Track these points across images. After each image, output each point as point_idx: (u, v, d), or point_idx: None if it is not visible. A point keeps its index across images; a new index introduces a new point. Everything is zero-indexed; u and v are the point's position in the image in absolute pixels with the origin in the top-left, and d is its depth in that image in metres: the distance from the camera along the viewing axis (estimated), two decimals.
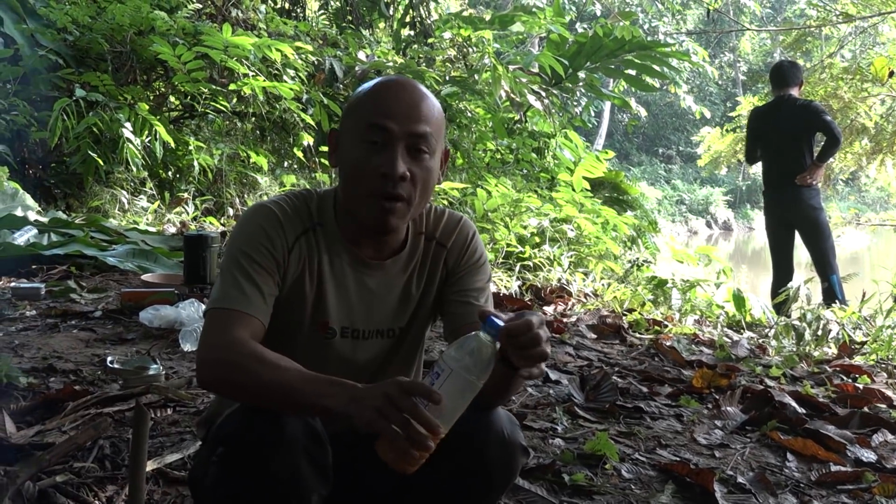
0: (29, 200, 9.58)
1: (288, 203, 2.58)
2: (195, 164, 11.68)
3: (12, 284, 7.27)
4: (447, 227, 2.68)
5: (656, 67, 14.98)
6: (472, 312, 2.56)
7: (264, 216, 2.53)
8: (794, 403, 4.97)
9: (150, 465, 3.52)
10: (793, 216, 9.71)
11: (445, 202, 11.59)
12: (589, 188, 12.24)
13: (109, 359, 5.02)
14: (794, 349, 6.91)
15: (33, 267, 8.07)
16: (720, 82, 49.64)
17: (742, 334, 7.72)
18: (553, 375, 5.37)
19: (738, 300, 8.50)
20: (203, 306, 5.44)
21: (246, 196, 12.41)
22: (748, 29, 36.55)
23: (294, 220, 2.54)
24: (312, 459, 2.28)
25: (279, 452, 2.22)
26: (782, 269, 9.76)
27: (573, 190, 11.95)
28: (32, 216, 9.13)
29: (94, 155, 10.58)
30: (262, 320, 2.42)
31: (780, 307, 8.51)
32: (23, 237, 8.46)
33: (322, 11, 15.86)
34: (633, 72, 15.01)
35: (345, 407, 2.10)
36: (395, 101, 2.42)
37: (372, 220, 2.48)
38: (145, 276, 7.28)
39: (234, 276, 2.45)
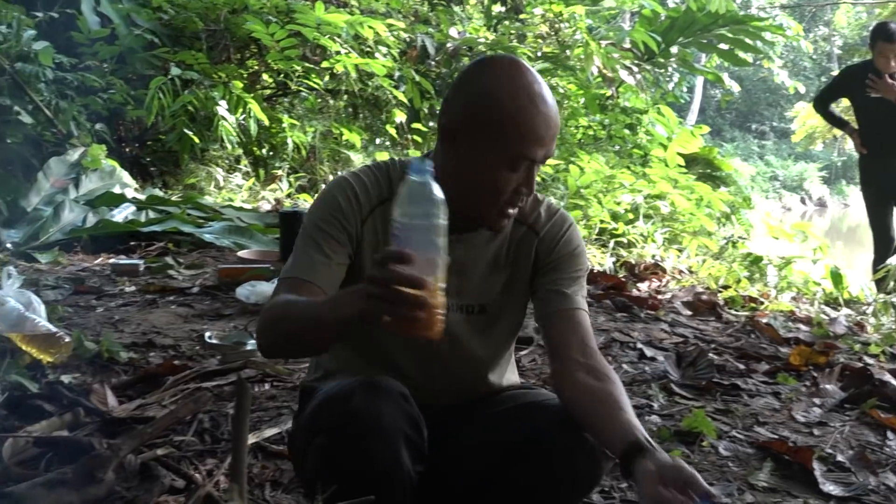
0: (126, 178, 9.69)
1: (367, 174, 2.60)
2: (289, 141, 11.73)
3: (112, 261, 7.37)
4: (543, 215, 2.66)
5: (750, 42, 14.77)
6: (560, 300, 2.56)
7: (339, 188, 2.57)
8: (894, 381, 4.89)
9: (250, 439, 3.56)
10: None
11: (539, 179, 11.56)
12: (682, 164, 12.13)
13: (207, 334, 5.08)
14: (894, 326, 6.80)
15: (132, 243, 8.16)
16: (814, 57, 48.83)
17: (840, 311, 7.61)
18: (648, 352, 5.34)
19: (836, 277, 8.38)
20: None
21: (339, 173, 12.45)
22: (844, 2, 36.02)
23: (371, 191, 2.56)
24: (411, 444, 2.30)
25: (380, 441, 2.24)
26: (883, 244, 9.33)
27: (667, 166, 11.86)
28: (130, 193, 9.24)
29: (190, 133, 10.68)
30: (325, 288, 2.44)
31: (880, 283, 8.36)
32: (121, 214, 8.57)
33: None
34: (726, 46, 14.81)
35: (355, 309, 2.08)
36: (545, 128, 2.37)
37: (494, 225, 2.50)
38: (241, 253, 7.35)
39: (305, 246, 2.52)
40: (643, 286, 7.78)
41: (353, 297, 2.09)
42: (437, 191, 2.02)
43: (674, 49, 14.61)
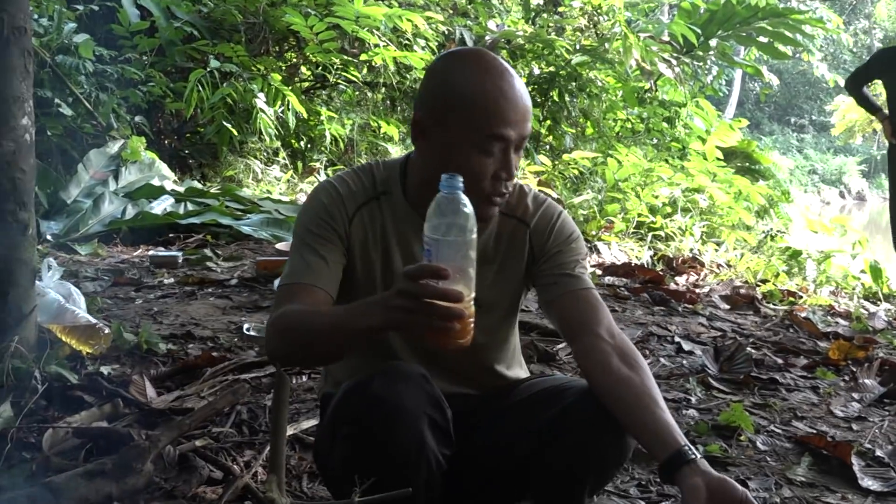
0: (165, 170, 9.74)
1: (350, 177, 2.62)
2: (327, 133, 11.77)
3: (150, 252, 7.40)
4: (531, 206, 2.65)
5: (789, 35, 14.69)
6: (571, 282, 2.55)
7: (324, 192, 2.59)
8: None
9: (288, 431, 3.57)
10: None
11: (576, 172, 11.55)
12: (721, 157, 12.08)
13: (246, 326, 5.09)
14: None
15: (170, 235, 8.21)
16: (854, 49, 48.48)
17: (879, 306, 7.58)
18: (686, 346, 5.33)
19: (875, 271, 8.34)
20: None
21: None
22: None
23: (355, 192, 2.58)
24: (435, 425, 2.31)
25: (403, 425, 2.24)
26: None
27: (705, 159, 11.82)
28: (169, 186, 9.28)
29: (229, 125, 10.72)
30: (326, 288, 2.47)
31: None
32: (160, 206, 8.61)
33: None
34: (765, 39, 14.74)
35: (383, 319, 2.10)
36: (511, 106, 2.37)
37: (480, 215, 2.48)
38: (279, 245, 7.38)
39: (300, 252, 2.53)
40: (681, 280, 7.77)
41: (378, 307, 2.11)
42: (468, 204, 2.03)
43: (713, 42, 14.54)
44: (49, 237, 7.79)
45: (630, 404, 2.31)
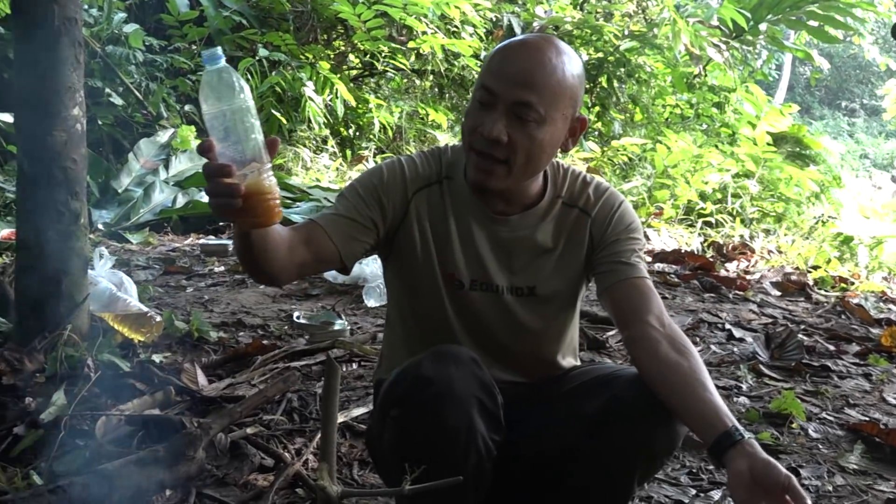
0: None
1: (420, 159, 2.66)
2: (375, 121, 11.77)
3: (201, 241, 7.45)
4: (592, 196, 2.64)
5: (840, 18, 14.52)
6: (626, 270, 2.54)
7: (389, 165, 2.63)
8: None
9: (339, 419, 3.58)
10: None
11: (625, 158, 11.50)
12: (771, 143, 12.00)
13: (296, 314, 5.12)
14: None
15: (220, 224, 8.25)
16: None
17: None
18: (737, 333, 5.31)
19: None
20: None
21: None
22: None
23: (419, 174, 2.62)
24: (485, 409, 2.30)
25: (453, 406, 2.24)
26: None
27: (755, 144, 11.73)
28: None
29: (278, 114, 10.76)
30: (334, 239, 2.49)
31: None
32: None
33: None
34: (815, 23, 14.57)
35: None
36: (506, 64, 2.40)
37: (472, 177, 2.49)
38: None
39: (339, 201, 2.60)
40: (731, 266, 7.72)
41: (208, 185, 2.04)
42: (234, 75, 2.00)
43: (762, 26, 14.40)
44: (101, 226, 7.86)
45: (678, 389, 2.30)
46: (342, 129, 12.04)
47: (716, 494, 3.29)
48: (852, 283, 7.31)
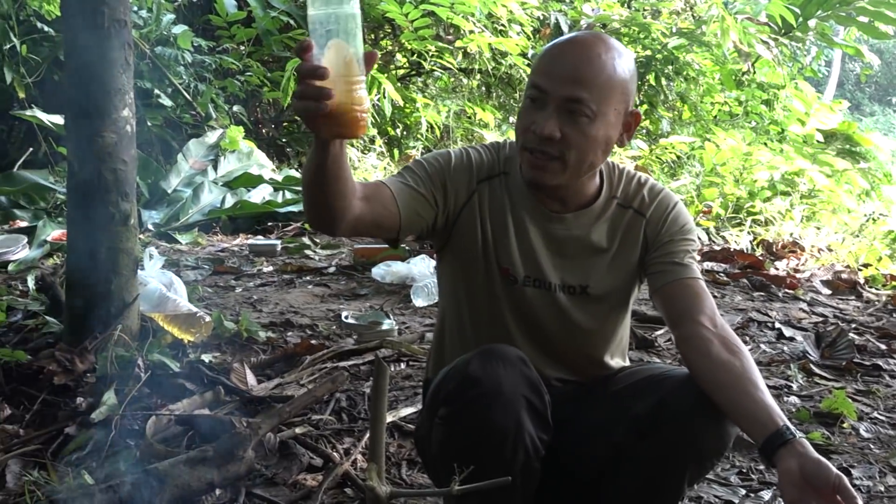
0: (263, 159, 9.83)
1: (484, 150, 2.68)
2: (423, 121, 11.78)
3: (250, 241, 7.49)
4: (647, 197, 2.64)
5: (890, 14, 14.40)
6: (678, 270, 2.55)
7: (458, 151, 2.66)
8: None
9: (387, 418, 3.59)
10: None
11: (673, 156, 11.45)
12: (821, 140, 11.91)
13: (344, 314, 5.13)
14: None
15: (269, 224, 8.31)
16: None
17: None
18: (787, 332, 5.27)
19: None
20: (433, 262, 5.54)
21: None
22: None
23: (483, 166, 2.64)
24: (533, 408, 2.32)
25: (501, 405, 2.26)
26: None
27: (804, 142, 11.65)
28: (267, 174, 9.37)
29: None
30: (399, 200, 2.46)
31: None
32: (258, 195, 8.69)
33: None
34: (865, 19, 14.45)
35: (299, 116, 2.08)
36: (556, 61, 2.42)
37: (527, 175, 2.52)
38: None
39: (406, 172, 2.59)
40: (781, 265, 7.67)
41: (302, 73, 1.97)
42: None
43: (812, 22, 14.30)
44: (150, 227, 7.91)
45: (729, 388, 2.30)
46: (389, 129, 12.05)
47: (766, 494, 3.28)
48: None
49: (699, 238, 8.14)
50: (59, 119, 8.15)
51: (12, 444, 3.33)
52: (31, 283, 5.30)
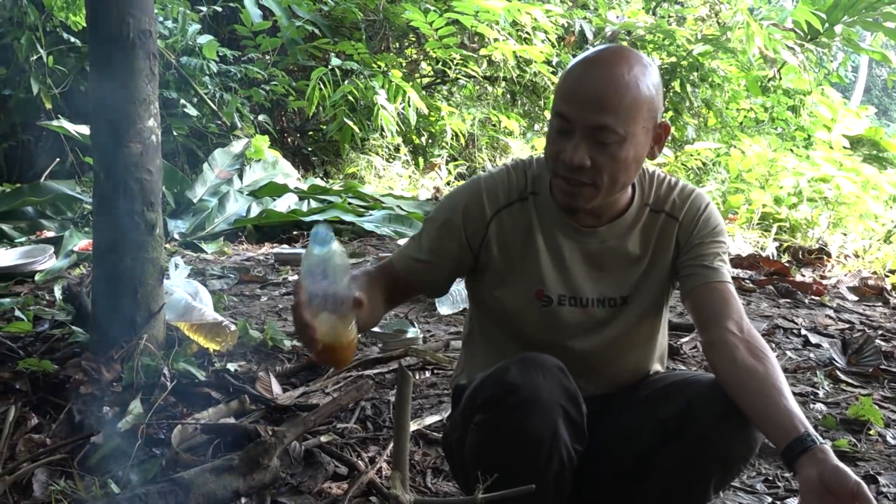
0: (288, 168, 9.86)
1: (503, 174, 2.66)
2: (447, 129, 11.80)
3: (275, 250, 7.50)
4: (678, 200, 2.63)
5: None
6: (707, 274, 2.54)
7: (467, 192, 2.66)
8: None
9: (412, 427, 3.59)
10: None
11: (699, 163, 11.43)
12: (847, 146, 11.86)
13: None
14: None
15: (294, 233, 8.32)
16: None
17: None
18: (813, 339, 5.25)
19: None
20: None
21: (498, 160, 12.45)
22: None
23: (499, 194, 2.61)
24: (569, 418, 2.32)
25: (538, 413, 2.26)
26: None
27: (831, 148, 11.61)
28: (292, 183, 9.39)
29: (350, 122, 10.83)
30: (409, 281, 2.67)
31: None
32: (284, 204, 8.71)
33: None
34: (892, 25, 14.42)
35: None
36: (578, 88, 2.38)
37: (560, 200, 2.52)
38: (402, 241, 7.40)
39: (419, 239, 2.67)
40: (807, 271, 7.64)
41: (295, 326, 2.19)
42: (338, 258, 2.13)
43: (838, 28, 14.24)
44: (176, 236, 7.93)
45: (753, 394, 2.29)
46: (415, 137, 12.07)
47: (792, 502, 3.26)
48: None
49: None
50: (85, 129, 8.19)
51: (39, 453, 3.34)
52: (57, 292, 5.32)
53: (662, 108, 2.49)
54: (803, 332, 5.41)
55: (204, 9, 10.57)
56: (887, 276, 7.50)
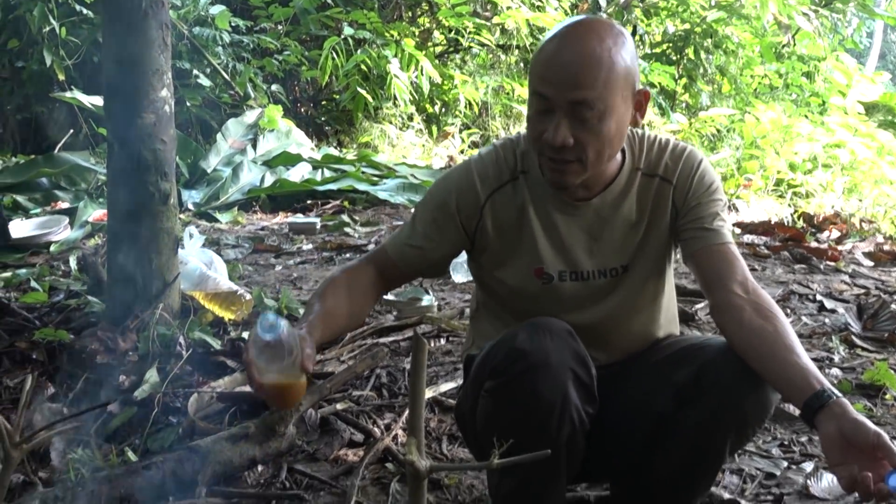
0: (302, 137, 9.85)
1: (492, 155, 2.62)
2: (461, 97, 11.77)
3: (289, 219, 7.51)
4: (670, 161, 2.59)
5: None
6: (708, 236, 2.51)
7: (458, 176, 2.64)
8: None
9: (427, 394, 3.60)
10: None
11: (713, 130, 11.39)
12: (862, 111, 11.82)
13: None
14: None
15: (308, 202, 8.32)
16: None
17: None
18: (829, 304, 5.24)
19: None
20: None
21: (511, 128, 12.44)
22: None
23: (490, 176, 2.59)
24: (579, 381, 2.33)
25: (548, 377, 2.26)
26: None
27: (846, 114, 11.57)
28: (306, 153, 9.38)
29: (363, 91, 10.81)
30: (403, 268, 2.67)
31: None
32: (297, 173, 8.71)
33: None
34: None
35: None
36: (552, 66, 2.34)
37: (549, 178, 2.49)
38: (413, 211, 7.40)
39: (412, 226, 2.65)
40: (822, 237, 7.62)
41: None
42: (285, 338, 2.21)
43: None
44: (190, 206, 7.94)
45: (764, 354, 2.28)
46: (428, 106, 12.06)
47: (808, 466, 3.26)
48: None
49: (735, 209, 8.12)
50: (98, 100, 8.20)
51: (56, 422, 3.36)
52: (73, 263, 5.34)
53: (639, 75, 2.46)
54: (818, 297, 5.40)
55: None
56: None
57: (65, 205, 7.59)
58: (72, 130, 9.22)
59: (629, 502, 2.70)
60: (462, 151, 11.50)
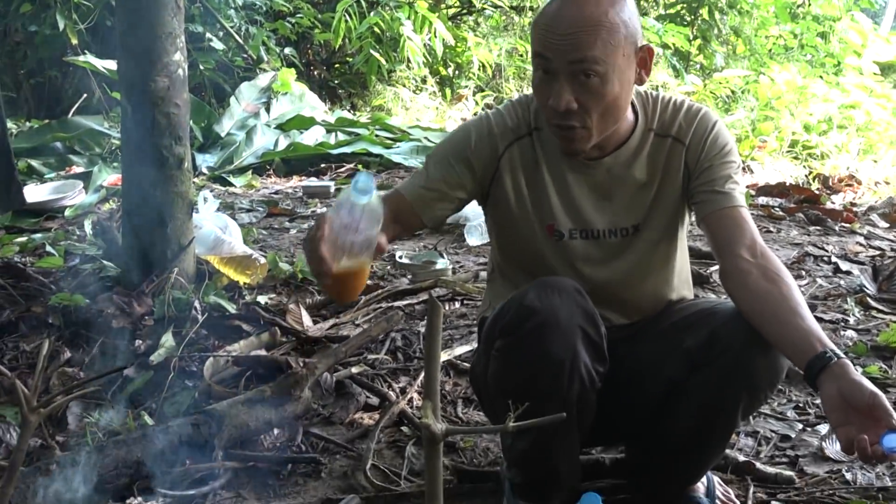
0: (315, 101, 9.83)
1: (509, 110, 2.63)
2: (474, 59, 11.73)
3: (303, 183, 7.51)
4: (684, 122, 2.57)
5: None
6: (719, 199, 2.50)
7: (477, 124, 2.63)
8: None
9: (442, 357, 3.60)
10: None
11: (727, 91, 11.34)
12: (878, 72, 11.74)
13: (398, 254, 5.14)
14: None
15: (322, 165, 8.31)
16: None
17: None
18: (844, 266, 5.23)
19: None
20: None
21: (525, 90, 12.38)
22: None
23: (508, 128, 2.59)
24: (588, 339, 2.34)
25: (557, 335, 2.28)
26: None
27: (861, 74, 11.50)
28: (319, 116, 9.37)
29: (377, 54, 10.78)
30: (418, 211, 2.59)
31: None
32: (311, 137, 8.70)
33: None
34: None
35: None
36: (552, 28, 2.33)
37: (559, 145, 2.48)
38: None
39: (425, 171, 2.62)
40: (837, 198, 7.59)
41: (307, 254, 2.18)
42: (375, 208, 2.11)
43: None
44: (204, 170, 7.94)
45: (769, 318, 2.29)
46: (441, 69, 12.01)
47: (823, 429, 3.27)
48: None
49: (749, 170, 8.08)
50: (112, 64, 8.18)
51: (73, 387, 3.37)
52: (87, 227, 5.34)
53: (641, 32, 2.44)
54: (833, 259, 5.39)
55: None
56: None
57: (79, 169, 7.60)
58: (85, 95, 9.20)
59: (644, 466, 2.72)
60: (475, 114, 11.45)
